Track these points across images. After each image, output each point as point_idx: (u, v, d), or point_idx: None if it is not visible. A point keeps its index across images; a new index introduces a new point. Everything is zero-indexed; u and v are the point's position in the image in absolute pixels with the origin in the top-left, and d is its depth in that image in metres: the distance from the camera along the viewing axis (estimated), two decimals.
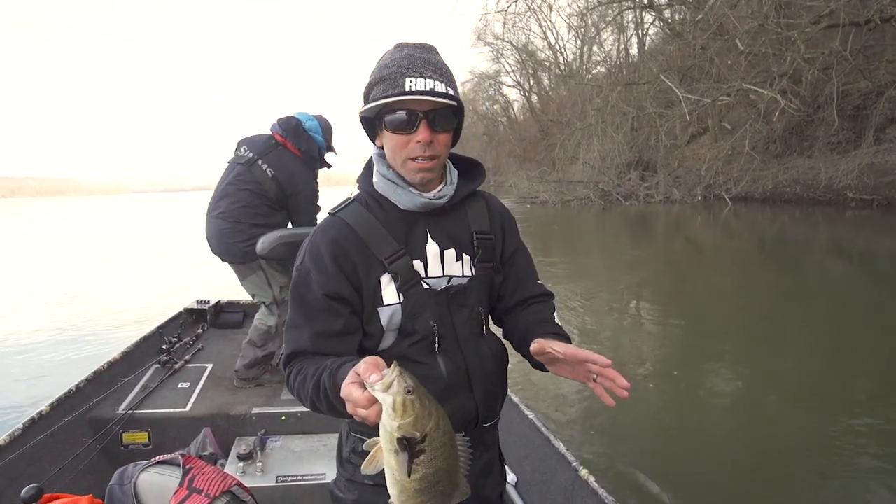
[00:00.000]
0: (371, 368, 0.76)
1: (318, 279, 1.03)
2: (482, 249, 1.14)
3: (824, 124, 14.66)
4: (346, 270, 1.04)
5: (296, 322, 1.06)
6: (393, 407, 0.70)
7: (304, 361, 1.02)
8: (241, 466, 2.19)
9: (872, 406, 3.65)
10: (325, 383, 0.91)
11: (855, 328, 5.31)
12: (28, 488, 1.26)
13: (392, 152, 1.05)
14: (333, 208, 1.12)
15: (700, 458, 3.05)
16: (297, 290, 1.06)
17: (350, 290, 1.04)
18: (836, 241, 10.73)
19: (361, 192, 1.14)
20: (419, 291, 1.07)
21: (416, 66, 0.98)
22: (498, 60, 44.51)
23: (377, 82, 1.01)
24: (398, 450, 0.71)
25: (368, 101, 1.03)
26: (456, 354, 1.11)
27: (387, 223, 1.07)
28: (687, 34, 15.82)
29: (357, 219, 1.07)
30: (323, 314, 1.03)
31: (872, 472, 2.83)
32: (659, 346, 5.10)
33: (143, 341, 3.13)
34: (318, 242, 1.06)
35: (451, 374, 1.09)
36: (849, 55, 11.94)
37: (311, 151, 2.83)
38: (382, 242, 1.06)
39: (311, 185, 2.83)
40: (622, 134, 19.23)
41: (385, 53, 1.05)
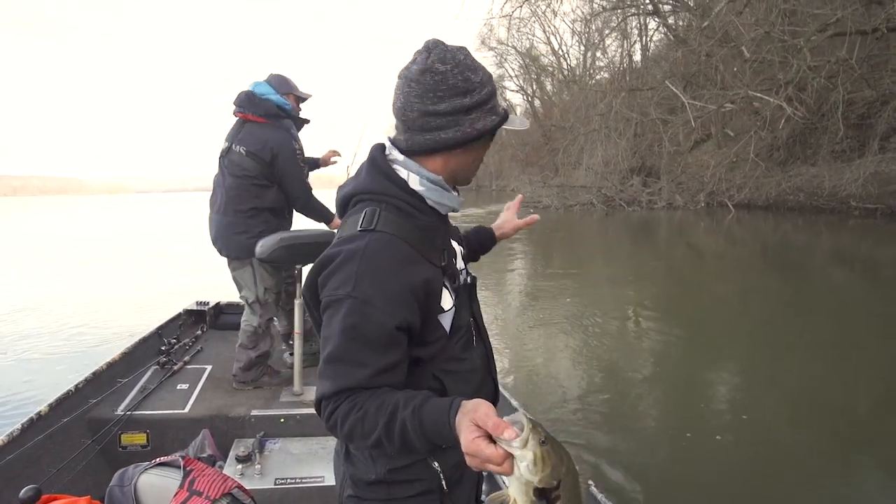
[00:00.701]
0: (502, 425, 0.72)
1: (384, 308, 0.91)
2: (462, 239, 1.22)
3: (828, 132, 14.66)
4: (417, 292, 0.95)
5: (349, 357, 0.92)
6: (534, 462, 0.70)
7: (357, 397, 0.91)
8: (240, 468, 2.18)
9: (874, 413, 3.64)
10: (407, 423, 0.84)
11: (857, 336, 5.29)
12: (27, 489, 1.25)
13: (468, 163, 1.06)
14: (364, 225, 0.97)
15: (700, 464, 3.03)
16: (350, 321, 0.91)
17: (416, 316, 0.96)
18: (838, 249, 10.71)
19: (388, 200, 1.01)
20: (462, 288, 1.08)
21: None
22: (501, 65, 44.56)
23: (491, 96, 1.00)
24: (535, 500, 0.72)
25: (488, 112, 1.00)
26: (480, 343, 1.14)
27: (424, 228, 1.02)
28: (692, 41, 15.84)
29: (401, 230, 0.97)
30: (386, 348, 0.93)
31: (874, 479, 2.82)
32: (660, 352, 5.08)
33: (142, 342, 3.12)
34: (377, 265, 0.93)
35: (482, 362, 1.12)
36: (854, 64, 11.93)
37: (271, 111, 2.74)
38: (432, 248, 1.01)
39: (286, 145, 2.72)
40: (625, 140, 19.24)
41: (458, 59, 0.97)
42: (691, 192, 18.88)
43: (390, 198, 1.01)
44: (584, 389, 4.03)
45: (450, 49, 0.97)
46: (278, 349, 3.31)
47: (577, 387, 4.10)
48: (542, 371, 4.32)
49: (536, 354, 4.88)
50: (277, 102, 2.75)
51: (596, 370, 4.52)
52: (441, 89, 0.95)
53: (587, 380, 4.27)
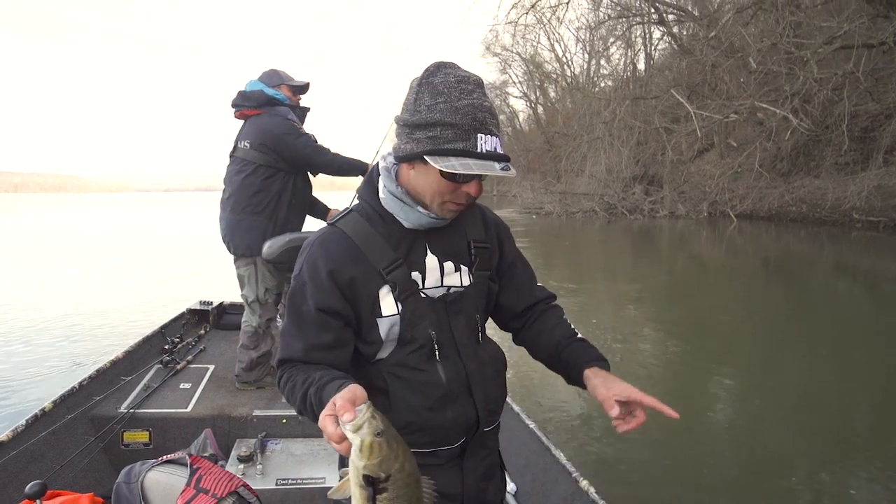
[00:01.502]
0: (346, 406, 0.78)
1: (312, 292, 1.04)
2: (479, 257, 1.16)
3: (832, 144, 14.69)
4: (341, 285, 1.04)
5: (290, 331, 1.08)
6: (360, 448, 0.74)
7: (294, 369, 1.04)
8: (242, 468, 2.17)
9: (872, 422, 3.65)
10: (311, 398, 0.94)
11: (857, 348, 5.27)
12: (32, 484, 1.24)
13: (430, 190, 1.02)
14: (332, 219, 1.12)
15: (701, 472, 3.02)
16: (294, 300, 1.08)
17: (344, 305, 1.05)
18: (840, 261, 10.70)
19: (362, 203, 1.13)
20: (417, 300, 1.08)
21: (487, 121, 0.96)
22: (505, 71, 44.76)
23: (444, 125, 0.95)
24: (363, 485, 0.76)
25: (428, 140, 0.97)
26: (455, 361, 1.12)
27: (387, 236, 1.08)
28: (697, 51, 15.89)
29: (356, 230, 1.07)
30: (315, 327, 1.05)
31: (871, 485, 2.80)
32: (660, 361, 5.06)
33: (145, 341, 3.12)
34: (315, 255, 1.06)
35: (451, 381, 1.10)
36: (861, 77, 11.97)
37: (262, 100, 2.75)
38: (381, 254, 1.06)
39: (283, 124, 2.70)
40: (629, 148, 19.28)
41: (444, 83, 0.97)
42: (693, 202, 18.91)
43: (365, 203, 1.11)
44: (582, 395, 4.02)
45: (443, 71, 0.99)
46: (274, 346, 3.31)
47: (574, 393, 4.08)
48: (539, 377, 4.30)
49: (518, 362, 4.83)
50: (274, 96, 2.77)
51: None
52: (413, 103, 0.99)
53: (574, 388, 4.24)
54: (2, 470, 1.82)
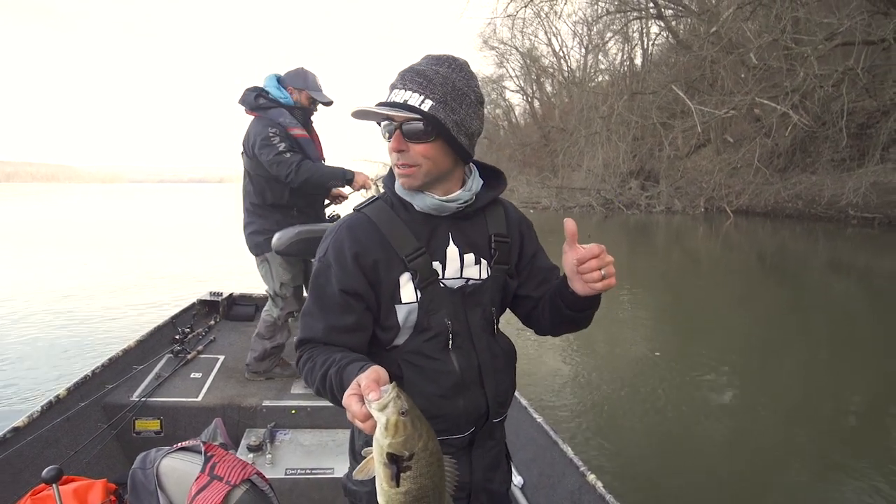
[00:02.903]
0: (371, 385, 0.79)
1: (337, 274, 1.06)
2: (499, 251, 1.18)
3: (829, 141, 14.76)
4: (365, 268, 1.06)
5: (311, 311, 1.10)
6: (385, 426, 0.76)
7: (314, 349, 1.06)
8: (251, 458, 2.18)
9: (866, 419, 3.68)
10: (332, 379, 0.96)
11: (852, 345, 5.31)
12: (49, 469, 1.25)
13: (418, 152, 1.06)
14: (358, 205, 1.15)
15: (703, 466, 3.04)
16: (317, 281, 1.09)
17: (366, 288, 1.07)
18: (836, 257, 10.78)
19: (387, 192, 1.16)
20: (436, 289, 1.10)
21: (408, 77, 1.03)
22: (502, 65, 44.60)
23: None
24: (387, 463, 0.78)
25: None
26: (469, 351, 1.14)
27: (410, 223, 1.10)
28: (696, 46, 15.88)
29: (381, 216, 1.10)
30: (337, 308, 1.07)
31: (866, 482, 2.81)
32: (657, 356, 5.07)
33: (156, 331, 3.14)
34: (341, 238, 1.08)
35: (464, 371, 1.13)
36: (860, 73, 12.02)
37: (251, 103, 2.72)
38: (404, 240, 1.08)
39: (259, 133, 2.66)
40: (626, 143, 19.28)
41: (423, 59, 1.09)
42: (690, 197, 18.97)
43: (388, 191, 1.15)
44: (577, 392, 4.03)
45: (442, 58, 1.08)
46: (290, 341, 3.30)
47: (582, 388, 4.08)
48: (547, 372, 4.30)
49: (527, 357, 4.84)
50: (269, 93, 2.73)
51: (590, 373, 4.50)
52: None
53: (581, 383, 4.26)
54: (18, 455, 1.85)
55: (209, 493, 1.36)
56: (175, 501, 1.34)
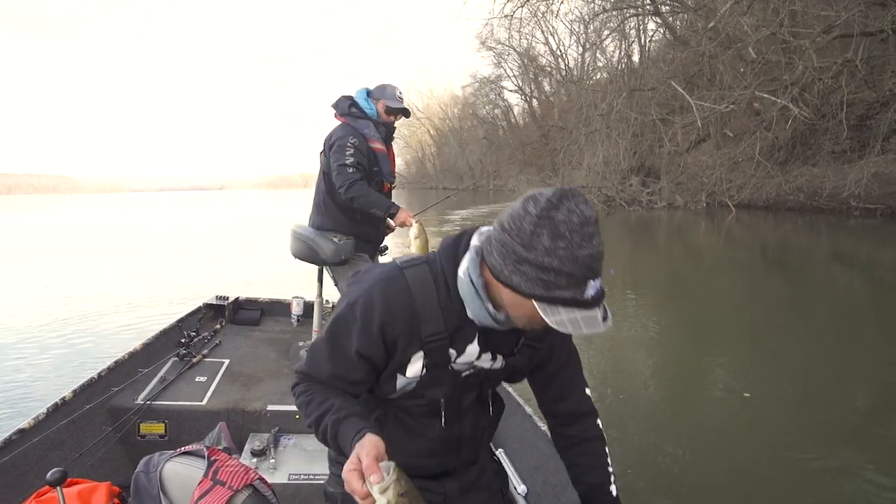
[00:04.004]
0: (372, 466, 0.83)
1: (358, 335, 1.05)
2: (521, 354, 1.16)
3: (829, 133, 14.72)
4: (386, 340, 1.06)
5: (322, 353, 1.10)
6: None
7: (313, 385, 1.11)
8: (255, 462, 2.18)
9: (871, 412, 3.65)
10: (327, 426, 1.01)
11: (856, 336, 5.28)
12: (53, 471, 1.25)
13: (520, 313, 0.97)
14: (404, 262, 1.10)
15: (708, 471, 2.97)
16: (337, 328, 1.08)
17: (381, 356, 1.08)
18: (838, 249, 10.73)
19: (438, 262, 1.08)
20: (441, 372, 1.12)
21: (598, 266, 0.91)
22: (500, 65, 44.71)
23: (561, 273, 0.88)
24: None
25: (540, 285, 0.90)
26: (454, 425, 1.19)
27: (445, 308, 1.06)
28: (694, 42, 15.87)
29: (420, 289, 1.06)
30: (347, 363, 1.08)
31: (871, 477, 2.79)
32: (660, 350, 5.06)
33: (162, 334, 3.14)
34: (373, 300, 1.04)
35: (444, 440, 1.18)
36: (858, 65, 12.00)
37: (344, 110, 2.82)
38: (431, 322, 1.06)
39: (341, 137, 2.75)
40: (626, 140, 19.26)
41: (567, 224, 0.88)
42: (691, 192, 18.94)
43: (440, 266, 1.08)
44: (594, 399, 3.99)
45: (566, 206, 0.90)
46: (295, 345, 3.30)
47: None
48: None
49: None
50: (358, 104, 2.82)
51: (594, 377, 4.47)
52: (529, 235, 0.90)
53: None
54: (22, 457, 1.85)
55: (211, 498, 1.36)
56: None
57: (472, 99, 56.13)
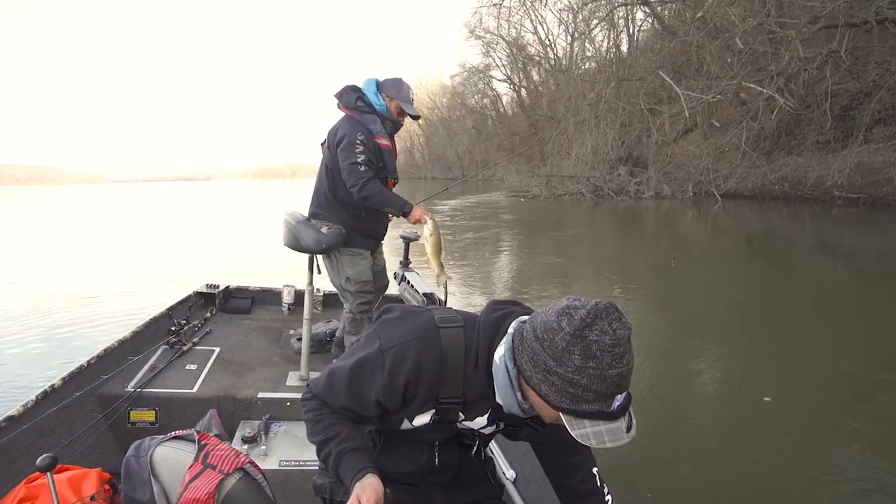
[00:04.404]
0: None
1: (383, 384, 1.07)
2: (521, 429, 1.20)
3: (814, 123, 14.89)
4: (407, 396, 1.09)
5: (341, 384, 1.12)
6: None
7: (325, 407, 1.16)
8: (246, 449, 2.18)
9: (857, 398, 3.70)
10: (332, 453, 1.07)
11: (839, 323, 5.38)
12: (43, 457, 1.25)
13: (547, 413, 0.99)
14: (442, 319, 1.11)
15: (694, 460, 2.98)
16: (362, 368, 1.10)
17: (397, 407, 1.12)
18: (822, 238, 10.90)
19: (475, 333, 1.10)
20: (446, 426, 1.18)
21: (624, 384, 0.92)
22: (488, 55, 44.50)
23: (589, 390, 0.90)
24: None
25: (568, 399, 0.92)
26: (445, 457, 1.25)
27: (469, 377, 1.09)
28: (682, 32, 15.90)
29: (451, 353, 1.08)
30: (363, 404, 1.12)
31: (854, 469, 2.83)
32: (646, 339, 5.10)
33: (152, 322, 3.12)
34: (406, 356, 1.06)
35: (433, 468, 1.25)
36: (843, 55, 12.13)
37: (351, 104, 2.74)
38: (451, 387, 1.09)
39: (350, 132, 2.67)
40: (614, 129, 19.32)
41: (599, 346, 0.89)
42: (678, 182, 19.09)
43: (481, 341, 1.09)
44: None
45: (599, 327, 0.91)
46: (286, 334, 3.29)
47: None
48: None
49: None
50: (367, 97, 2.74)
51: None
52: (561, 350, 0.92)
53: None
54: (12, 443, 1.85)
55: (202, 481, 1.37)
56: (169, 489, 1.34)
57: (460, 88, 55.88)
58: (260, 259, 8.99)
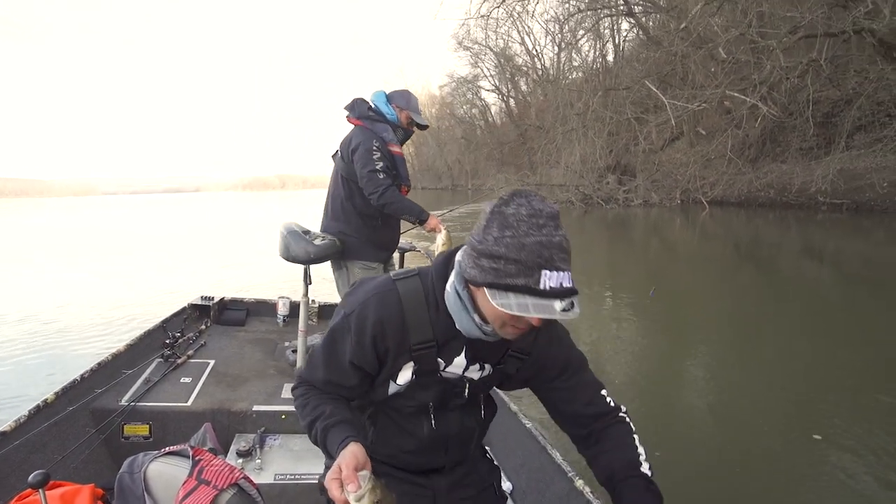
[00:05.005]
0: (350, 476, 0.89)
1: (352, 345, 1.10)
2: (507, 363, 1.20)
3: (797, 130, 15.17)
4: (378, 351, 1.11)
5: (319, 359, 1.16)
6: None
7: (310, 390, 1.17)
8: (240, 463, 2.16)
9: (842, 400, 3.72)
10: (318, 431, 1.08)
11: (825, 326, 5.46)
12: (35, 474, 1.23)
13: (491, 315, 1.01)
14: (396, 274, 1.16)
15: (692, 467, 3.01)
16: (333, 336, 1.14)
17: (373, 366, 1.13)
18: (807, 243, 11.06)
19: (430, 276, 1.12)
20: (430, 378, 1.16)
21: (554, 257, 0.91)
22: (477, 65, 44.87)
23: (508, 260, 0.91)
24: None
25: (492, 273, 0.93)
26: (442, 425, 1.22)
27: (434, 321, 1.11)
28: (667, 42, 16.17)
29: (411, 302, 1.11)
30: (341, 371, 1.13)
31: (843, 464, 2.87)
32: (636, 345, 5.14)
33: (147, 335, 3.08)
34: (367, 312, 1.10)
35: (432, 440, 1.22)
36: (823, 64, 12.41)
37: (364, 113, 2.79)
38: (419, 331, 1.11)
39: (365, 141, 2.70)
40: (602, 138, 19.53)
41: (516, 216, 0.93)
42: (666, 190, 19.30)
43: (431, 280, 1.12)
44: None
45: (515, 202, 0.96)
46: (281, 346, 3.28)
47: None
48: None
49: None
50: (378, 107, 2.79)
51: None
52: (482, 230, 0.97)
53: None
54: (4, 460, 1.82)
55: (196, 498, 1.36)
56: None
57: (449, 98, 56.23)
58: (254, 271, 8.96)
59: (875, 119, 14.00)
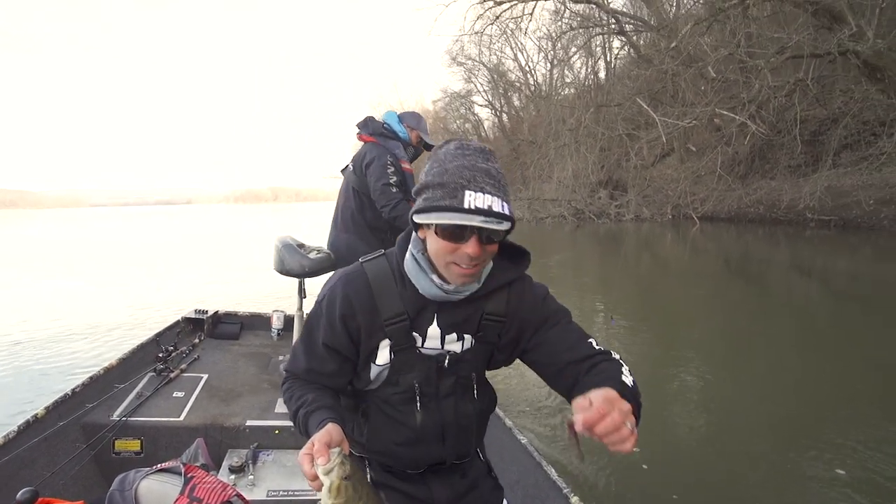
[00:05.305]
0: (322, 450, 0.88)
1: (325, 328, 1.14)
2: (486, 330, 1.19)
3: (785, 148, 15.41)
4: (350, 329, 1.13)
5: (299, 349, 1.20)
6: (329, 489, 0.86)
7: (295, 381, 1.19)
8: (233, 479, 2.14)
9: (829, 413, 3.76)
10: (300, 419, 1.08)
11: (814, 342, 5.50)
12: (24, 491, 1.22)
13: (435, 253, 1.05)
14: (365, 257, 1.19)
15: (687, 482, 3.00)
16: (310, 323, 1.18)
17: (348, 347, 1.15)
18: (796, 259, 11.17)
19: (395, 253, 1.18)
20: (409, 354, 1.16)
21: (477, 179, 0.97)
22: (470, 80, 45.30)
23: (434, 186, 1.00)
24: None
25: (422, 201, 1.02)
26: (434, 411, 1.20)
27: (402, 293, 1.13)
28: (657, 60, 16.44)
29: (378, 278, 1.14)
30: (320, 356, 1.16)
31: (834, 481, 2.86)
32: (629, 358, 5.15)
33: (139, 349, 3.06)
34: (336, 295, 1.13)
35: (425, 427, 1.19)
36: (809, 84, 12.67)
37: (378, 130, 2.89)
38: (389, 306, 1.12)
39: (378, 156, 2.81)
40: (594, 154, 19.73)
41: (444, 151, 1.04)
42: (657, 205, 19.48)
43: (396, 256, 1.17)
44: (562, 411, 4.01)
45: (449, 143, 1.07)
46: (275, 360, 3.26)
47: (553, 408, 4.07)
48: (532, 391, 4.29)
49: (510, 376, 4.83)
50: (390, 126, 2.91)
51: None
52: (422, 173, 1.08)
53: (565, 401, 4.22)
54: None
55: None
56: None
57: (442, 113, 56.58)
58: (248, 284, 8.90)
59: (861, 138, 14.25)
